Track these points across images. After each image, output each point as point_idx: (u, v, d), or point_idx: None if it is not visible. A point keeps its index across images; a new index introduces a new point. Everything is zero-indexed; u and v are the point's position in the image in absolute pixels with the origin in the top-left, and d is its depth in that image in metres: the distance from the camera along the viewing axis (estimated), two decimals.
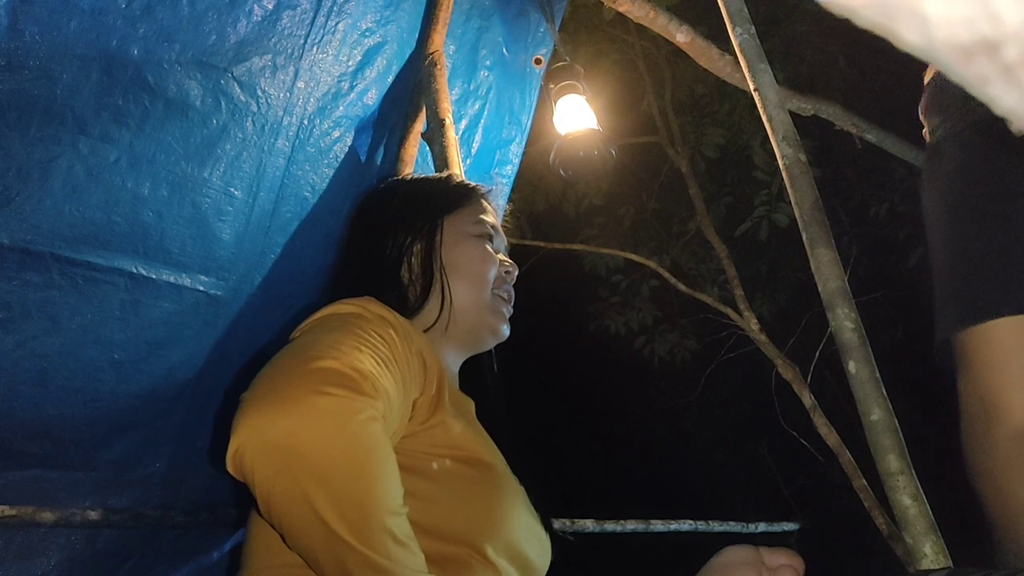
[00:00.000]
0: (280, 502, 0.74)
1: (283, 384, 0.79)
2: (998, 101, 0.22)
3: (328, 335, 0.89)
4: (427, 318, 1.17)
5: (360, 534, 0.72)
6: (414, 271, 1.21)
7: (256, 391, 0.79)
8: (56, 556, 1.74)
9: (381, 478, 0.77)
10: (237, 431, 0.75)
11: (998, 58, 0.20)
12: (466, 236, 1.25)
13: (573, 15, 4.33)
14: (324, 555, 0.73)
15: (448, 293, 1.19)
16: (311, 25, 1.70)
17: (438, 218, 1.25)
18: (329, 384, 0.78)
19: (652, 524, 2.85)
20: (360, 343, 0.87)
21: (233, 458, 0.76)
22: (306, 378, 0.78)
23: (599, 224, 5.71)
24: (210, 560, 2.03)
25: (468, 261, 1.23)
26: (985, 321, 0.81)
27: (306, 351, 0.84)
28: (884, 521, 3.60)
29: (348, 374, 0.80)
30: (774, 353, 4.44)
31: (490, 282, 1.23)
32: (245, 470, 0.75)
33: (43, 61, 1.34)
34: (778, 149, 1.43)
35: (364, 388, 0.80)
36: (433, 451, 0.95)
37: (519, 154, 2.41)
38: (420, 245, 1.22)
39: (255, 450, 0.74)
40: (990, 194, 0.89)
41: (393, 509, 0.77)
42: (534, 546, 1.03)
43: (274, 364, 0.84)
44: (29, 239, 1.44)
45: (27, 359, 1.53)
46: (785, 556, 0.89)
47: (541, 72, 2.35)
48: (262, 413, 0.76)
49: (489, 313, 1.22)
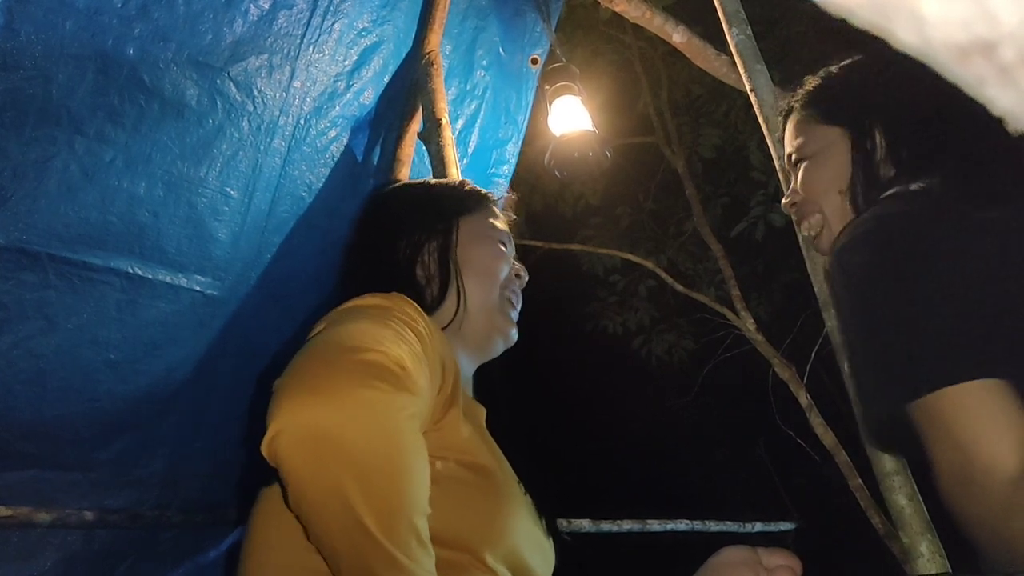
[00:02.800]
0: (313, 492, 0.73)
1: (327, 373, 0.77)
2: (995, 102, 0.22)
3: (367, 326, 0.87)
4: (443, 317, 1.17)
5: (388, 531, 0.72)
6: (430, 269, 1.21)
7: (297, 379, 0.78)
8: (53, 557, 1.74)
9: (416, 478, 0.77)
10: (277, 417, 0.74)
11: (995, 59, 0.20)
12: (483, 237, 1.25)
13: (569, 15, 4.33)
14: (347, 549, 0.73)
15: (463, 291, 1.19)
16: (307, 25, 1.70)
17: (454, 218, 1.25)
18: (375, 378, 0.77)
19: (649, 524, 2.85)
20: (399, 338, 0.87)
21: (270, 443, 0.74)
22: (352, 369, 0.77)
23: (596, 224, 5.72)
24: (207, 560, 2.02)
25: (482, 259, 1.23)
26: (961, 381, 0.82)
27: (348, 341, 0.82)
28: (880, 521, 3.60)
29: (393, 369, 0.79)
30: (771, 353, 4.45)
31: (501, 281, 1.23)
32: (280, 456, 0.73)
33: (38, 61, 1.33)
34: (774, 149, 1.43)
35: (407, 384, 0.80)
36: (439, 453, 0.95)
37: (515, 154, 2.41)
38: (435, 243, 1.22)
39: (294, 437, 0.73)
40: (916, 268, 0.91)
41: (421, 509, 0.77)
42: (535, 555, 1.03)
43: (314, 352, 0.83)
44: (25, 239, 1.43)
45: (23, 359, 1.53)
46: (782, 556, 0.89)
47: (537, 72, 2.35)
48: (305, 401, 0.74)
49: (499, 314, 1.22)
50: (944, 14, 0.20)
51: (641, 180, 5.76)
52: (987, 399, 0.81)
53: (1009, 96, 0.21)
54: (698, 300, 5.06)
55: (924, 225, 0.95)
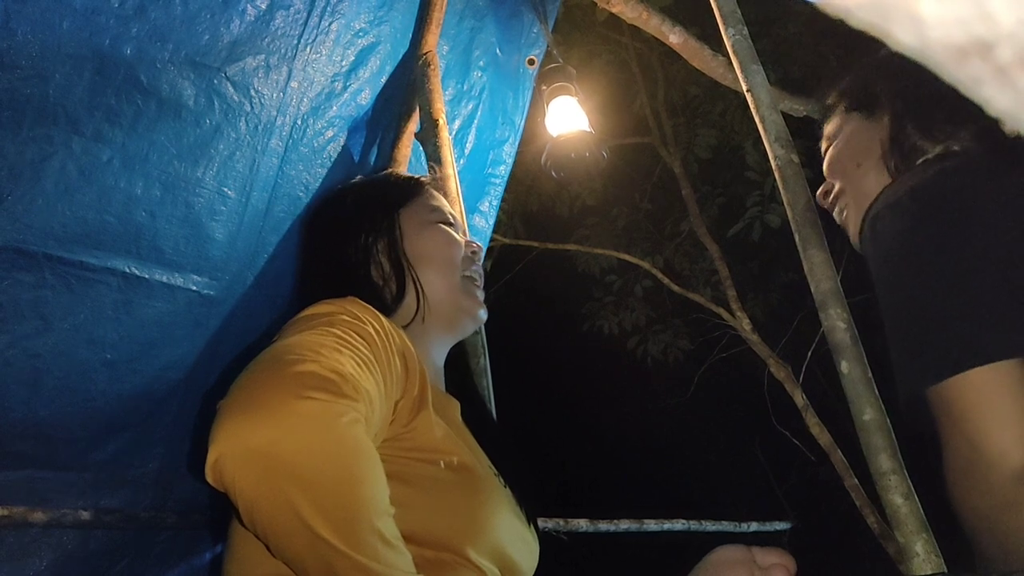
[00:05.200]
0: (264, 511, 0.72)
1: (262, 390, 0.77)
2: (992, 103, 0.22)
3: (307, 336, 0.87)
4: (405, 314, 1.17)
5: (348, 538, 0.71)
6: (384, 269, 1.20)
7: (234, 398, 0.77)
8: (48, 557, 1.73)
9: (367, 480, 0.76)
10: (216, 440, 0.73)
11: (992, 59, 0.21)
12: (425, 224, 1.25)
13: (566, 16, 4.33)
14: (312, 562, 0.72)
15: (419, 284, 1.18)
16: (304, 25, 1.70)
17: (393, 212, 1.25)
18: (309, 388, 0.76)
19: (645, 523, 2.86)
20: (340, 344, 0.86)
21: (213, 468, 0.73)
22: (286, 383, 0.76)
23: (592, 224, 5.72)
24: (202, 561, 2.02)
25: (432, 247, 1.22)
26: (967, 369, 0.82)
27: (284, 354, 0.82)
28: (876, 520, 3.61)
29: (328, 377, 0.78)
30: (766, 353, 4.46)
31: (458, 265, 1.23)
32: (226, 480, 0.73)
33: (35, 60, 1.33)
34: (771, 150, 1.44)
35: (345, 390, 0.78)
36: (414, 455, 0.94)
37: (512, 154, 2.41)
38: (382, 242, 1.21)
39: (236, 459, 0.72)
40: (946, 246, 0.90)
41: (381, 510, 0.76)
42: (519, 547, 1.03)
43: (251, 369, 0.82)
44: (21, 239, 1.43)
45: (19, 359, 1.52)
46: (777, 555, 0.89)
47: (534, 73, 2.35)
48: (242, 421, 0.74)
49: (464, 296, 1.21)
50: (942, 14, 0.20)
51: (637, 180, 5.77)
52: (1000, 389, 0.81)
53: (1007, 96, 0.21)
54: (694, 300, 5.08)
55: (957, 188, 0.93)
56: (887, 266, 0.96)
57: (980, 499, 0.82)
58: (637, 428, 7.00)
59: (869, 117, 1.18)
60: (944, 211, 0.92)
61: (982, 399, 0.81)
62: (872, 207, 1.02)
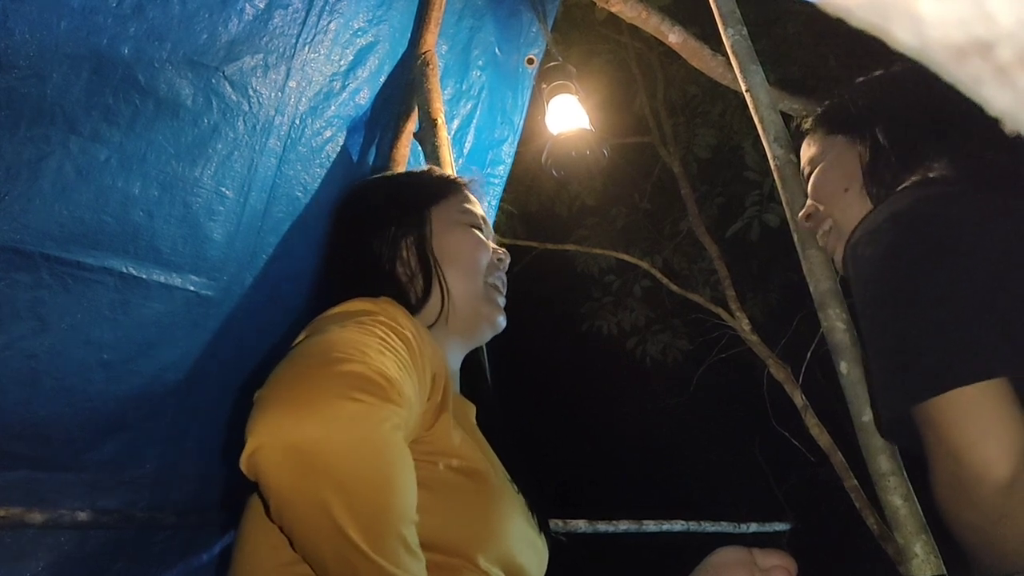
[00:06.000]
0: (297, 507, 0.72)
1: (307, 386, 0.75)
2: (991, 102, 0.22)
3: (351, 334, 0.85)
4: (429, 315, 1.15)
5: (375, 542, 0.71)
6: (411, 267, 1.18)
7: (277, 391, 0.76)
8: (46, 557, 1.73)
9: (402, 488, 0.76)
10: (256, 431, 0.72)
11: (992, 59, 0.20)
12: (455, 224, 1.23)
13: (565, 15, 4.32)
14: (335, 563, 0.72)
15: (445, 284, 1.17)
16: (303, 24, 1.70)
17: (424, 209, 1.22)
18: (357, 389, 0.75)
19: (645, 524, 2.86)
20: (383, 346, 0.85)
21: (250, 458, 0.72)
22: (333, 381, 0.75)
23: (591, 224, 5.72)
24: (200, 562, 2.02)
25: (460, 249, 1.20)
26: (949, 390, 0.84)
27: (330, 351, 0.80)
28: (875, 521, 3.61)
29: (375, 379, 0.77)
30: (766, 353, 4.46)
31: (483, 269, 1.21)
32: (260, 471, 0.72)
33: (33, 60, 1.33)
34: (769, 150, 1.44)
35: (391, 395, 0.77)
36: (431, 459, 0.94)
37: (511, 154, 2.41)
38: (411, 238, 1.19)
39: (276, 452, 0.71)
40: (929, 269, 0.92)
41: (408, 518, 0.76)
42: (529, 555, 1.03)
43: (295, 362, 0.81)
44: (18, 239, 1.43)
45: (16, 359, 1.52)
46: (777, 557, 0.89)
47: (534, 72, 2.35)
48: (285, 415, 0.72)
49: (485, 303, 1.20)
50: (942, 14, 0.20)
51: (636, 180, 5.77)
52: (983, 405, 0.82)
53: (1006, 96, 0.21)
54: (693, 300, 5.07)
55: (936, 213, 0.95)
56: (869, 290, 0.98)
57: (971, 512, 0.83)
58: (636, 428, 7.01)
59: (852, 142, 1.20)
60: (923, 236, 0.94)
61: (965, 416, 0.83)
62: (854, 233, 1.04)
